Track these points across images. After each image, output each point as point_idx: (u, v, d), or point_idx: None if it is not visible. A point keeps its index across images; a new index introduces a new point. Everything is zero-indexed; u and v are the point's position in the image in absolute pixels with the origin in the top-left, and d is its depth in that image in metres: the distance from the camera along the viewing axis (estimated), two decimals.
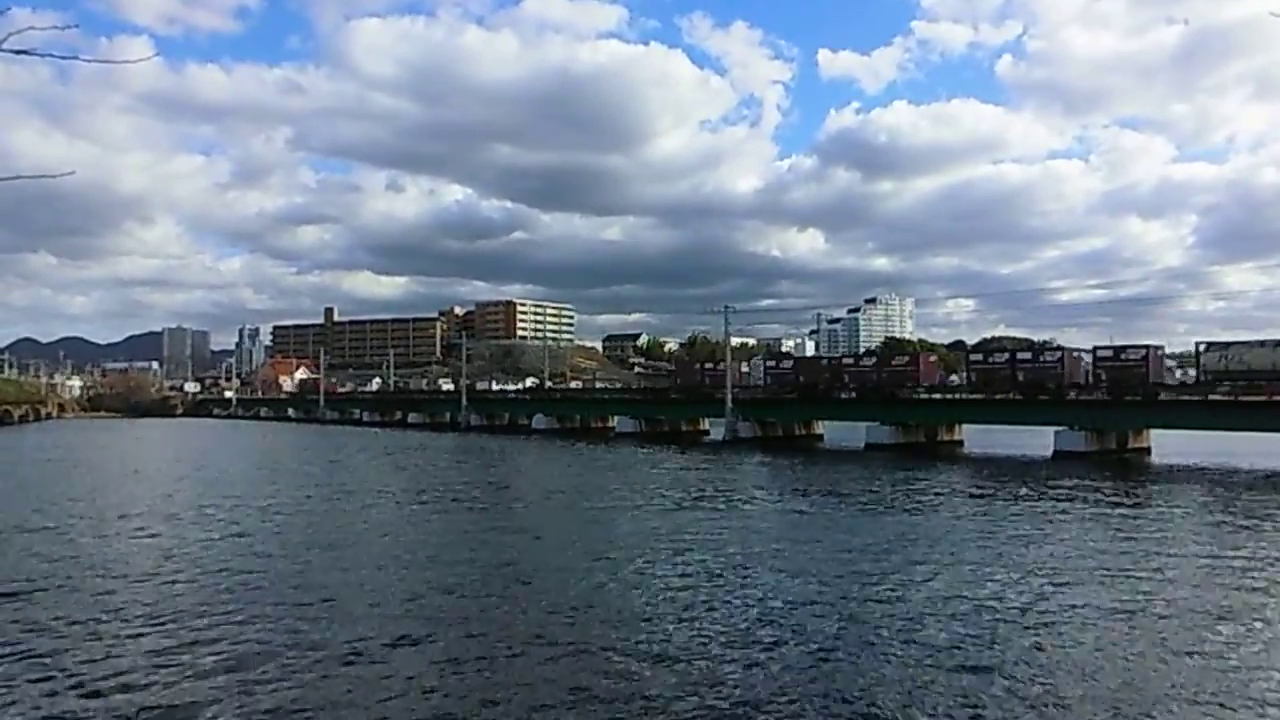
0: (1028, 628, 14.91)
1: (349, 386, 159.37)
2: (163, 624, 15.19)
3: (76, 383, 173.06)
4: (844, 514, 29.29)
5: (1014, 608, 16.26)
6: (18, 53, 5.26)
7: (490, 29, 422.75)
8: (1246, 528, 26.04)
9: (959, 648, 13.72)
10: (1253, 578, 18.85)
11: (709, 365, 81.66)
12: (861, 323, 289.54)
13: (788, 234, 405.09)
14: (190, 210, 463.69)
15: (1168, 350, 61.30)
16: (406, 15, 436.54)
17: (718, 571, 19.71)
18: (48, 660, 13.18)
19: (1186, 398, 52.43)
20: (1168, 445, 55.05)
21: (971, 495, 34.12)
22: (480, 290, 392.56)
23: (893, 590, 17.75)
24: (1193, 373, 54.65)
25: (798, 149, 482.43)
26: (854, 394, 65.04)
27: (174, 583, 18.56)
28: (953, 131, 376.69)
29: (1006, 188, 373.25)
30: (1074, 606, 16.31)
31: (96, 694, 11.80)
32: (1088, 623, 15.25)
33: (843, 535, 24.78)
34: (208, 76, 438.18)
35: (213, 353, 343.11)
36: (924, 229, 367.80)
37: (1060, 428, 53.33)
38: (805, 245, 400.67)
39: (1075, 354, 58.81)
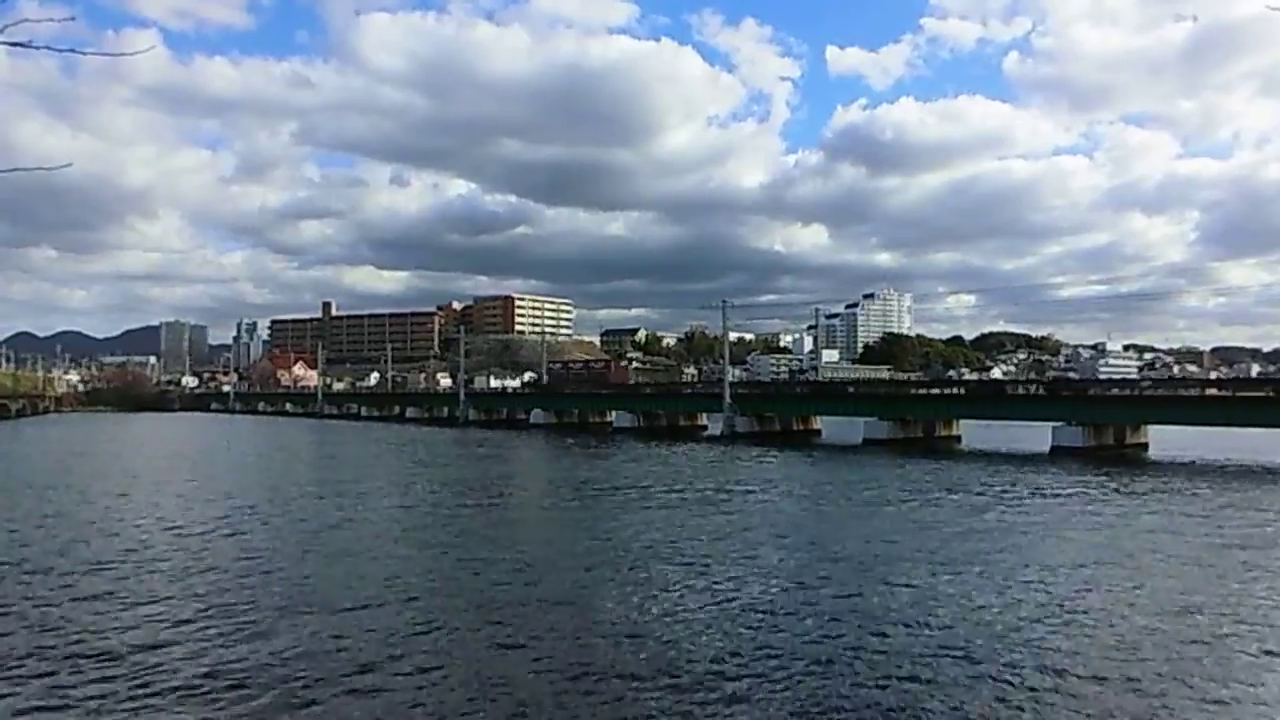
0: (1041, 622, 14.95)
1: (346, 381, 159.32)
2: (163, 613, 15.21)
3: (74, 377, 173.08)
4: (842, 509, 29.31)
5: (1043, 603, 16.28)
6: (14, 44, 5.22)
7: (501, 24, 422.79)
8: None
9: (951, 638, 13.75)
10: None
11: None
12: (860, 318, 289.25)
13: (792, 229, 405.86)
14: (193, 204, 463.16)
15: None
16: (417, 10, 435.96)
17: (712, 565, 19.71)
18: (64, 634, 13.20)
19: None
20: (1166, 441, 55.07)
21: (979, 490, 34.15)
22: (482, 285, 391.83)
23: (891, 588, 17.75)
24: None
25: (805, 145, 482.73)
26: None
27: (174, 597, 18.54)
28: (959, 128, 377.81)
29: (1011, 184, 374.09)
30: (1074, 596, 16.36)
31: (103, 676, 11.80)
32: (1077, 613, 15.29)
33: (839, 530, 24.78)
34: (215, 70, 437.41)
35: (210, 347, 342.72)
36: (928, 225, 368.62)
37: (1058, 423, 53.35)
38: (809, 240, 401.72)
39: None
